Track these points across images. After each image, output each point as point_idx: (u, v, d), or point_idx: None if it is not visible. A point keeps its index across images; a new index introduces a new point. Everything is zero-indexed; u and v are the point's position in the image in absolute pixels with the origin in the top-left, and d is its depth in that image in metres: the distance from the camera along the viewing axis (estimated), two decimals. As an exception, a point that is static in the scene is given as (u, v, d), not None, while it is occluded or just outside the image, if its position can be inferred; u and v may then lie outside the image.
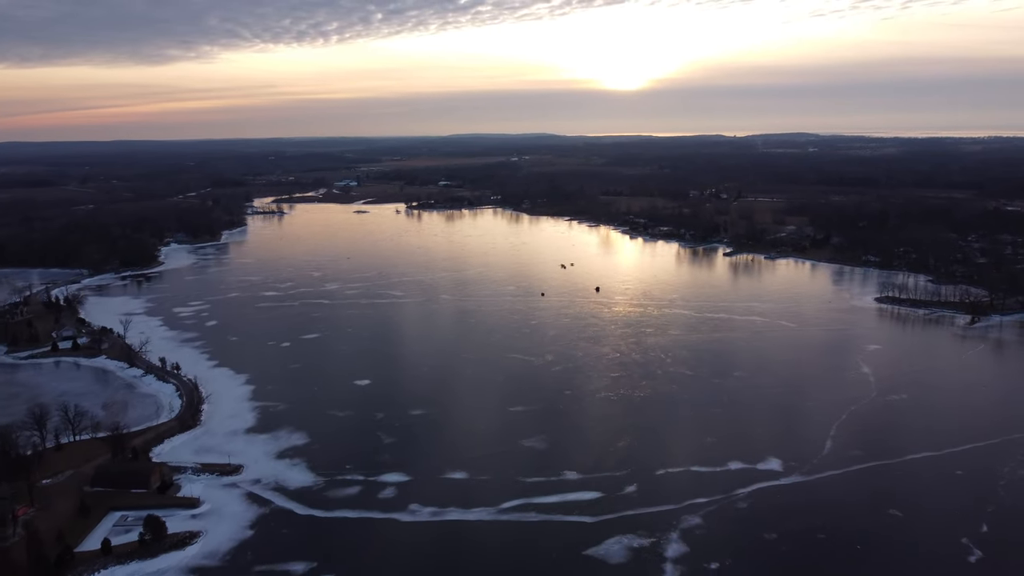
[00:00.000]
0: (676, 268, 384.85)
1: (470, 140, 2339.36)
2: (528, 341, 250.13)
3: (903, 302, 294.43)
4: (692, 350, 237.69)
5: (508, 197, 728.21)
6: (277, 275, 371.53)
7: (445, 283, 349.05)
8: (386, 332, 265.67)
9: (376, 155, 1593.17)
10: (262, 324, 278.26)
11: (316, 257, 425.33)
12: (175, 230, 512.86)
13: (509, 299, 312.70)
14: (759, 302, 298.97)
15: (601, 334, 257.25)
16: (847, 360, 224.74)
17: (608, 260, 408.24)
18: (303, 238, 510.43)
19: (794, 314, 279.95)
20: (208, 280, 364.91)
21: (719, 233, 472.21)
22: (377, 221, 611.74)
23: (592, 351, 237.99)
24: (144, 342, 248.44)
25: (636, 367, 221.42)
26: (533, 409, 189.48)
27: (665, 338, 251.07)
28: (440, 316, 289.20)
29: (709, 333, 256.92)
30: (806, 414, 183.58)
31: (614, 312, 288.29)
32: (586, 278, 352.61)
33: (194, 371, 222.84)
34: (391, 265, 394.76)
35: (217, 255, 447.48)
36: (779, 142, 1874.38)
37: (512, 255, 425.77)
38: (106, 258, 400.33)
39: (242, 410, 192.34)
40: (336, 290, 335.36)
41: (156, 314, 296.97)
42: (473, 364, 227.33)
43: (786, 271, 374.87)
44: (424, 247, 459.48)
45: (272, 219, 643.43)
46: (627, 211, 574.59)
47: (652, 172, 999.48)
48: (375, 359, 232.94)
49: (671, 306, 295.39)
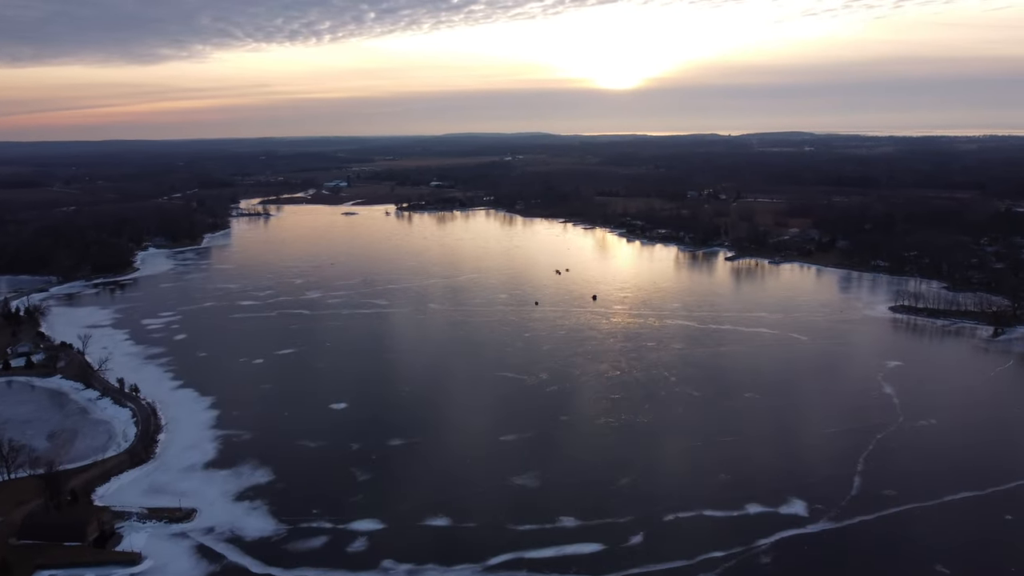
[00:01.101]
0: (676, 274, 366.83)
1: (464, 139, 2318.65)
2: (521, 357, 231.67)
3: (919, 312, 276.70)
4: (698, 367, 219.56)
5: (501, 198, 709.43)
6: (256, 282, 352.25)
7: (434, 291, 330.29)
8: (367, 347, 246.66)
9: (369, 155, 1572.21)
10: (235, 338, 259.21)
11: (299, 262, 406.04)
12: (154, 234, 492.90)
13: (501, 308, 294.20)
14: (766, 312, 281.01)
15: (599, 348, 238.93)
16: (867, 379, 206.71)
17: (605, 265, 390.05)
18: (287, 242, 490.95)
19: (804, 325, 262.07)
20: (183, 288, 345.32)
21: (719, 236, 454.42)
22: (366, 223, 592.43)
23: (590, 368, 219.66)
24: (104, 359, 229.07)
25: (638, 387, 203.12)
26: (525, 438, 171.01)
27: (668, 353, 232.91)
28: (426, 328, 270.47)
29: (715, 347, 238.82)
30: (828, 444, 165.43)
31: (612, 323, 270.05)
32: (582, 285, 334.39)
33: (155, 393, 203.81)
34: (377, 271, 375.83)
35: (196, 260, 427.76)
36: (774, 141, 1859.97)
37: (505, 260, 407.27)
38: (77, 264, 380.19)
39: (202, 440, 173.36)
40: (318, 299, 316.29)
41: (123, 326, 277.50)
42: (460, 384, 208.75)
43: (792, 277, 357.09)
44: (413, 251, 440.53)
45: (258, 221, 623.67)
46: (623, 213, 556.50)
47: (648, 172, 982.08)
48: (353, 378, 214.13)
49: (673, 316, 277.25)
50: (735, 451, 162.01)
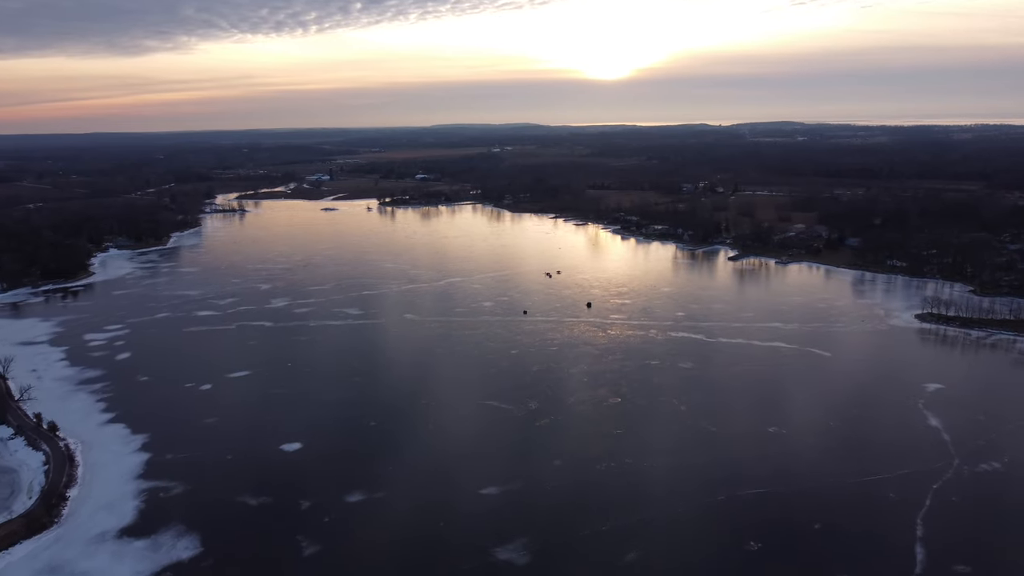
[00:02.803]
0: (676, 276, 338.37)
1: (451, 131, 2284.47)
2: (507, 380, 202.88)
3: (950, 321, 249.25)
4: (710, 392, 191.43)
5: (489, 192, 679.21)
6: (220, 288, 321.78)
7: (412, 297, 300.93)
8: (332, 369, 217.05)
9: (354, 147, 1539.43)
10: (184, 357, 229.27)
11: (269, 265, 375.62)
12: (117, 233, 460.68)
13: (486, 319, 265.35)
14: (780, 322, 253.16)
15: (596, 368, 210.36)
16: (907, 407, 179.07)
17: (599, 266, 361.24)
18: (260, 241, 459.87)
19: (824, 338, 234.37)
20: (138, 295, 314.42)
21: (720, 233, 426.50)
22: (345, 220, 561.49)
23: (586, 395, 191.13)
24: (27, 387, 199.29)
25: (643, 420, 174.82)
26: (511, 491, 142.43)
27: (675, 374, 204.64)
28: (401, 344, 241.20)
29: (727, 367, 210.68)
30: (875, 498, 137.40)
31: (610, 336, 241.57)
32: (575, 290, 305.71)
33: (79, 430, 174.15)
34: (352, 275, 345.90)
35: (158, 263, 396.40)
36: (766, 131, 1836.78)
37: (491, 260, 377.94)
38: (26, 268, 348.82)
39: (122, 496, 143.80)
40: (283, 308, 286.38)
41: (61, 342, 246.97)
42: (436, 416, 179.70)
43: (801, 279, 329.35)
44: (392, 251, 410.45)
45: (232, 218, 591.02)
46: (617, 208, 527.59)
47: (640, 163, 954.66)
48: (312, 410, 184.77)
49: (677, 328, 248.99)
50: (765, 510, 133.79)
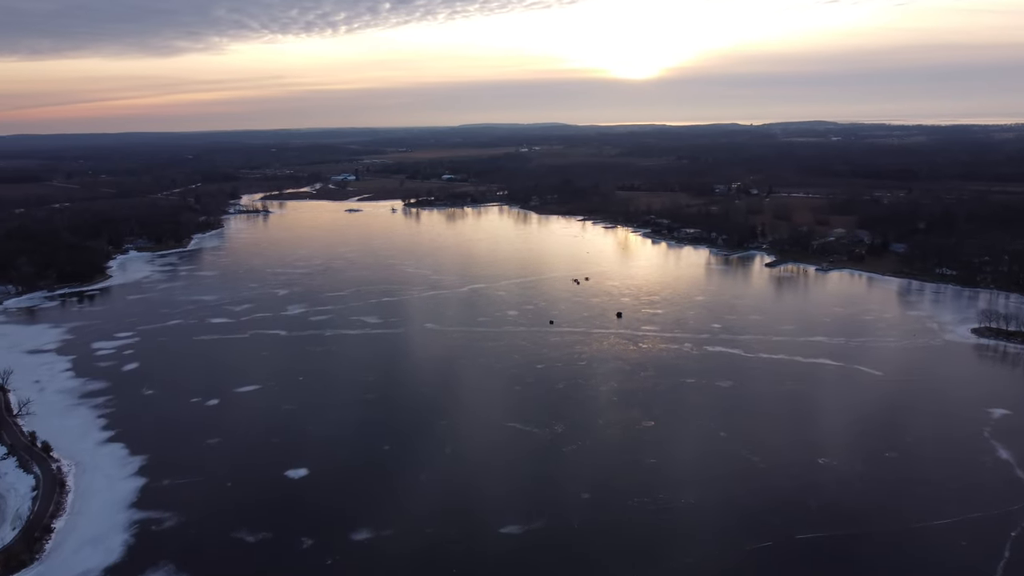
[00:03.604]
0: (710, 284, 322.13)
1: (479, 130, 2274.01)
2: (532, 398, 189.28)
3: (1011, 336, 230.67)
4: (751, 415, 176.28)
5: (515, 193, 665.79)
6: (236, 293, 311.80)
7: (433, 305, 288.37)
8: (346, 384, 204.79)
9: (381, 146, 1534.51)
10: (193, 368, 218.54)
11: (288, 269, 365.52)
12: (138, 234, 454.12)
13: (510, 329, 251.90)
14: (824, 335, 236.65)
15: (628, 387, 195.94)
16: (971, 436, 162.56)
17: (629, 272, 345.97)
18: (281, 243, 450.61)
19: (874, 354, 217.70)
20: (153, 301, 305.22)
21: (755, 237, 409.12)
22: (369, 222, 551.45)
23: (616, 417, 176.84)
24: (26, 401, 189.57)
25: (679, 447, 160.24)
26: (534, 530, 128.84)
27: (713, 395, 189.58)
28: (419, 357, 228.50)
29: (770, 386, 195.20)
30: (948, 548, 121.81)
31: (642, 350, 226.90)
32: (604, 298, 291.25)
33: (74, 450, 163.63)
34: (371, 280, 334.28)
35: (177, 266, 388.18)
36: (799, 131, 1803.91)
37: (516, 265, 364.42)
38: (41, 271, 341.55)
39: (112, 528, 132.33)
40: (299, 315, 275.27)
41: (69, 351, 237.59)
42: (454, 440, 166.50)
43: (844, 288, 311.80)
44: (415, 254, 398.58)
45: (255, 219, 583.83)
46: (647, 210, 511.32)
47: (670, 164, 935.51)
48: (321, 431, 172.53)
49: (713, 341, 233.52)
50: (819, 559, 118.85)
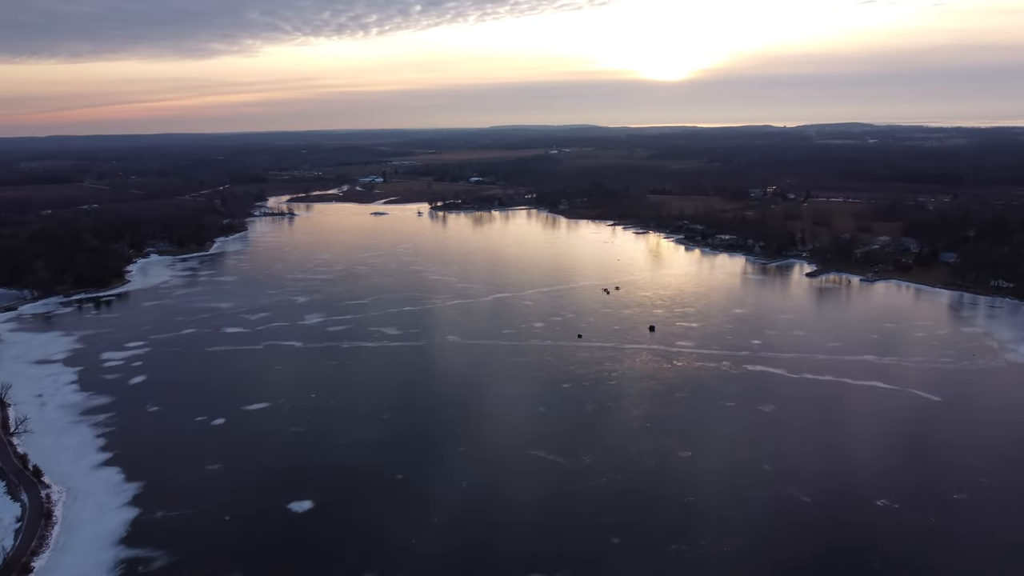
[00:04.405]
0: (748, 295, 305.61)
1: (509, 132, 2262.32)
2: (557, 422, 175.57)
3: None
4: (798, 445, 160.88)
5: (544, 196, 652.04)
6: (253, 301, 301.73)
7: (455, 315, 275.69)
8: (359, 402, 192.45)
9: (411, 148, 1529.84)
10: (201, 383, 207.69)
11: (309, 274, 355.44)
12: (160, 237, 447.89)
13: (536, 343, 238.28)
14: (873, 354, 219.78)
15: (662, 411, 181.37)
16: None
17: (661, 281, 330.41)
18: (304, 247, 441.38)
19: (930, 377, 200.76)
20: (168, 308, 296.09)
21: (795, 245, 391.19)
22: (395, 225, 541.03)
23: (650, 445, 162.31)
24: (23, 418, 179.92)
25: (720, 483, 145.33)
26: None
27: (755, 421, 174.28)
28: (439, 373, 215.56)
29: (818, 412, 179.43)
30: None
31: (677, 368, 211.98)
32: (636, 309, 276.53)
33: (68, 474, 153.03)
34: (393, 287, 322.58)
35: (197, 270, 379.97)
36: (834, 133, 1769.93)
37: (544, 273, 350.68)
38: (59, 276, 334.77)
39: (96, 569, 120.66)
40: (317, 325, 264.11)
41: (77, 361, 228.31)
42: (473, 469, 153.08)
43: (891, 300, 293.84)
44: (440, 260, 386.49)
45: (280, 222, 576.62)
46: (680, 215, 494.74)
47: (703, 167, 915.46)
48: (330, 456, 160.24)
49: (753, 359, 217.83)
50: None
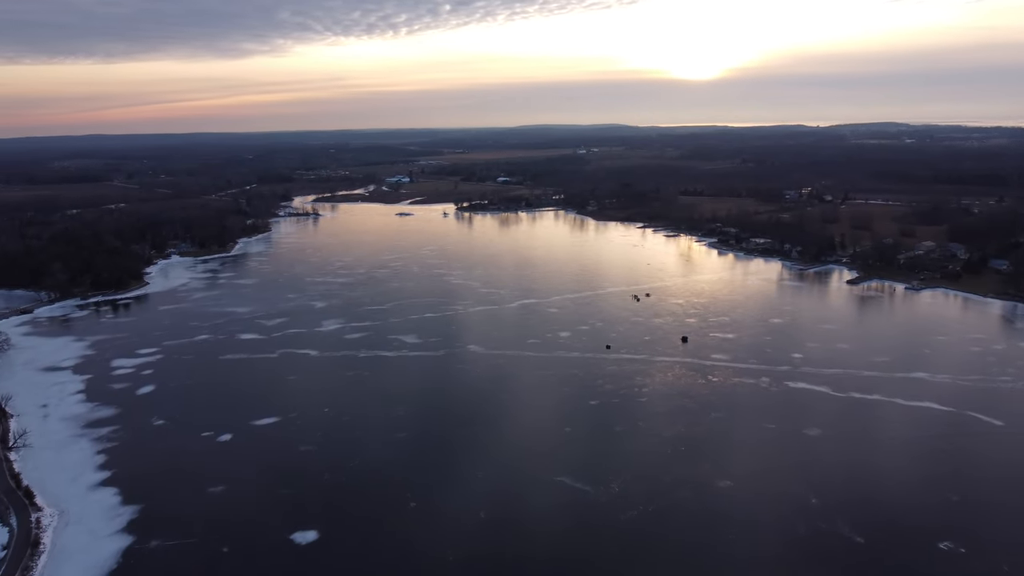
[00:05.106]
0: (786, 303, 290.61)
1: (537, 131, 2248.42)
2: (584, 444, 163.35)
3: None
4: (848, 476, 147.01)
5: (572, 197, 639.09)
6: (271, 306, 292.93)
7: (477, 323, 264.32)
8: (373, 418, 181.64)
9: (439, 147, 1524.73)
10: (211, 395, 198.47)
11: (329, 278, 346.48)
12: (182, 238, 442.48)
13: (562, 354, 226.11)
14: (925, 371, 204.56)
15: (696, 433, 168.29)
16: None
17: (694, 287, 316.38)
18: (326, 249, 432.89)
19: (989, 398, 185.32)
20: (184, 312, 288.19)
21: (834, 250, 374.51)
22: (420, 226, 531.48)
23: (685, 473, 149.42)
24: (23, 432, 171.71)
25: (763, 520, 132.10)
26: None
27: (799, 447, 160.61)
28: (458, 387, 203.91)
29: (868, 437, 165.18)
30: None
31: (712, 385, 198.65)
32: (667, 318, 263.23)
33: (63, 495, 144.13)
34: (415, 292, 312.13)
35: (217, 272, 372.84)
36: (869, 132, 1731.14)
37: (571, 278, 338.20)
38: (77, 278, 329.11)
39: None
40: (334, 332, 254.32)
41: (86, 369, 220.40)
42: (492, 499, 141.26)
43: (939, 311, 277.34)
44: (464, 264, 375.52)
45: (305, 223, 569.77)
46: (712, 217, 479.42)
47: (734, 167, 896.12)
48: (340, 479, 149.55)
49: (794, 375, 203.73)
50: None
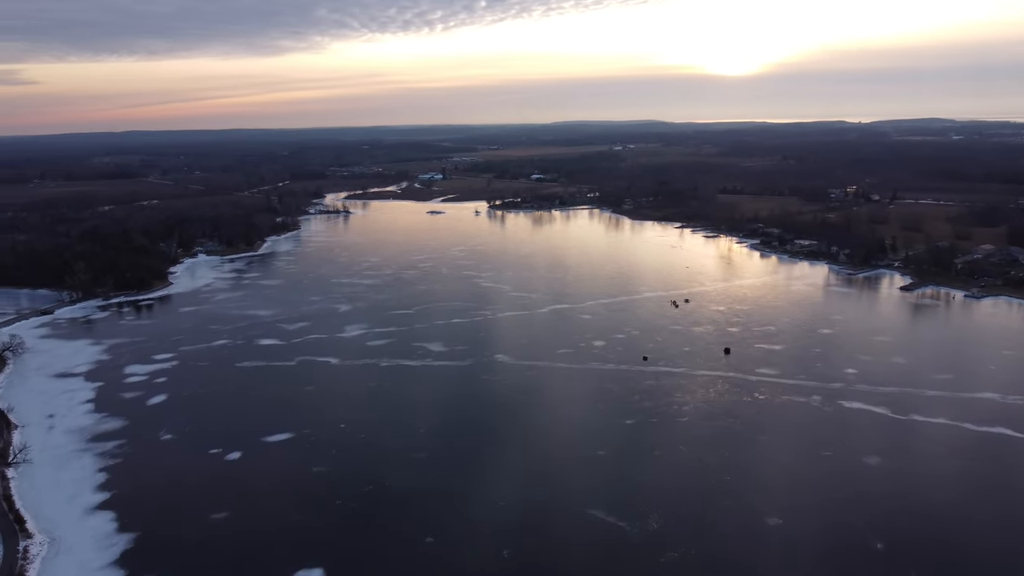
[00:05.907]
0: (835, 311, 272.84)
1: (573, 128, 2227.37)
2: (618, 471, 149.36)
3: None
4: (918, 516, 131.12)
5: (607, 195, 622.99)
6: (294, 308, 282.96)
7: (507, 330, 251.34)
8: (391, 438, 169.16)
9: (473, 143, 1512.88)
10: (223, 406, 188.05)
11: (356, 279, 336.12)
12: (210, 236, 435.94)
13: (595, 366, 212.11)
14: (995, 391, 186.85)
15: (742, 461, 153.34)
16: None
17: (736, 293, 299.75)
18: (355, 248, 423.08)
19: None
20: (205, 315, 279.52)
21: (884, 253, 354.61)
22: (451, 225, 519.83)
23: (731, 506, 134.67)
24: (23, 447, 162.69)
25: (820, 566, 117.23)
26: None
27: (858, 478, 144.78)
28: (483, 401, 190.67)
29: (933, 468, 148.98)
30: None
31: (758, 403, 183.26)
32: (708, 326, 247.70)
33: (56, 520, 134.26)
34: (442, 295, 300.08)
35: (243, 272, 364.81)
36: (912, 129, 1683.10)
37: (606, 281, 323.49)
38: (99, 277, 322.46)
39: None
40: (357, 338, 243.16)
41: (98, 376, 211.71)
42: (515, 535, 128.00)
43: (1005, 321, 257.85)
44: (494, 265, 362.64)
45: (335, 220, 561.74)
46: (754, 217, 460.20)
47: (775, 164, 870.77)
48: (352, 507, 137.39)
49: (848, 393, 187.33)
50: None
